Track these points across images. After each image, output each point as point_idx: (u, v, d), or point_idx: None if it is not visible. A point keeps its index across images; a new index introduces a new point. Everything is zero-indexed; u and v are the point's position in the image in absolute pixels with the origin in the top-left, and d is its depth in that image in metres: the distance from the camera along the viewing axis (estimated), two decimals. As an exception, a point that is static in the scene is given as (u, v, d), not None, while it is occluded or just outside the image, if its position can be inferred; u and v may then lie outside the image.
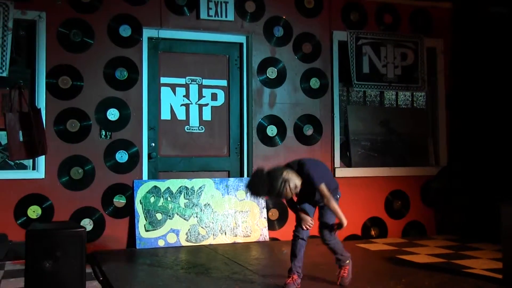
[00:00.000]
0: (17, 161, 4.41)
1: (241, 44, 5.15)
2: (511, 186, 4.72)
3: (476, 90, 5.47)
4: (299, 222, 3.19)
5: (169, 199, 4.69)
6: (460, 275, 3.63)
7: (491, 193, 4.95)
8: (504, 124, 5.16)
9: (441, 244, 4.94)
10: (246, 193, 3.23)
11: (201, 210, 4.75)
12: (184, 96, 5.03)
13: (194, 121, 5.05)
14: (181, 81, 5.02)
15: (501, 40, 5.26)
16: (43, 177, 4.42)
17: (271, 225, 5.01)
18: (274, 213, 5.07)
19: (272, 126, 5.11)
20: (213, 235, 4.72)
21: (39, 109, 4.35)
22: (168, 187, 4.71)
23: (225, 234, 4.75)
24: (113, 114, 4.65)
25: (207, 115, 5.09)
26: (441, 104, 5.67)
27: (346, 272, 3.24)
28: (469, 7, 5.58)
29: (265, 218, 4.91)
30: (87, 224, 4.50)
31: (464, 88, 5.60)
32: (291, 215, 5.07)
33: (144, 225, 4.56)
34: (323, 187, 3.01)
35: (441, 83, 5.68)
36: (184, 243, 4.59)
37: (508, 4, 5.21)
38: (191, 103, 5.05)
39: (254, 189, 2.98)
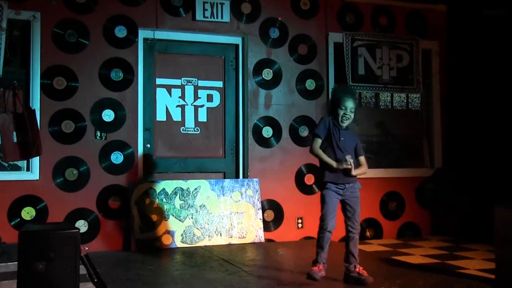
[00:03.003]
0: (11, 162, 4.37)
1: (236, 46, 5.15)
2: (505, 188, 4.74)
3: (471, 92, 5.49)
4: (325, 213, 3.26)
5: (164, 200, 4.68)
6: (454, 275, 3.65)
7: (485, 195, 4.96)
8: (499, 126, 5.18)
9: (435, 245, 4.96)
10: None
11: (196, 211, 4.74)
12: (179, 97, 5.02)
13: (189, 122, 5.04)
14: (177, 82, 5.01)
15: (495, 42, 5.28)
16: (38, 178, 4.40)
17: (267, 226, 5.00)
18: (270, 214, 5.07)
19: (267, 127, 5.12)
20: (209, 236, 4.71)
21: (34, 110, 4.33)
22: (164, 188, 4.70)
23: (221, 235, 4.75)
24: (108, 115, 4.63)
25: (202, 116, 5.08)
26: (436, 106, 5.70)
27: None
28: (463, 10, 5.61)
29: (260, 219, 4.91)
30: (82, 225, 4.48)
31: (459, 90, 5.63)
32: (287, 217, 5.10)
33: (139, 226, 4.54)
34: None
35: (436, 85, 5.71)
36: (179, 244, 4.58)
37: (502, 7, 5.24)
38: (187, 104, 5.04)
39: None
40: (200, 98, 5.08)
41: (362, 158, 3.42)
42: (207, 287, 3.25)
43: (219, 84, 5.14)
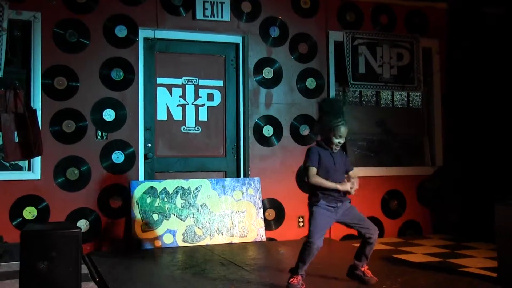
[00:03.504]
0: (12, 162, 4.38)
1: (237, 45, 5.14)
2: (506, 185, 4.73)
3: (471, 90, 5.47)
4: (313, 230, 3.09)
5: (165, 199, 4.67)
6: (456, 274, 3.65)
7: (486, 193, 4.95)
8: (500, 124, 5.17)
9: (437, 243, 4.95)
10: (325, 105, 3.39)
11: (197, 211, 4.74)
12: (180, 96, 5.01)
13: (190, 122, 5.03)
14: (177, 81, 5.01)
15: (496, 40, 5.27)
16: (39, 178, 4.40)
17: (268, 225, 5.00)
18: (271, 213, 5.07)
19: (268, 126, 5.11)
20: (210, 235, 4.71)
21: (35, 110, 4.32)
22: (165, 188, 4.70)
23: (222, 234, 4.74)
24: (109, 115, 4.63)
25: (203, 116, 5.08)
26: (436, 104, 5.68)
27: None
28: (464, 8, 5.58)
29: (261, 218, 4.90)
30: (83, 225, 4.48)
31: (460, 88, 5.61)
32: (288, 216, 5.10)
33: (141, 225, 4.54)
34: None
35: (437, 83, 5.69)
36: (180, 243, 4.57)
37: (503, 5, 5.22)
38: (188, 104, 5.04)
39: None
40: (200, 97, 5.08)
41: (352, 173, 3.26)
42: (208, 287, 3.25)
43: (220, 83, 5.13)
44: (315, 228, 3.11)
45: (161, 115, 4.94)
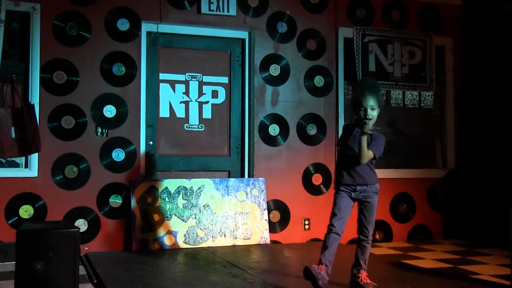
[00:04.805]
0: (9, 159, 4.33)
1: (243, 40, 5.06)
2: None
3: (485, 90, 5.38)
4: (332, 214, 3.17)
5: (167, 199, 4.59)
6: (467, 281, 3.58)
7: (500, 196, 4.85)
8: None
9: (447, 249, 4.89)
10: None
11: (200, 211, 4.66)
12: (183, 93, 4.94)
13: (193, 119, 4.96)
14: (181, 77, 4.93)
15: (510, 38, 5.15)
16: (36, 175, 4.34)
17: (272, 227, 4.92)
18: (276, 215, 4.98)
19: (274, 125, 5.02)
20: (212, 237, 4.62)
21: (33, 105, 4.27)
22: (166, 187, 4.62)
23: (225, 236, 4.66)
24: (109, 111, 4.56)
25: (207, 113, 4.99)
26: (449, 104, 5.60)
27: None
28: (478, 5, 5.49)
29: (266, 220, 4.82)
30: (82, 224, 4.41)
31: (473, 88, 5.51)
32: (293, 218, 5.03)
33: (141, 226, 4.46)
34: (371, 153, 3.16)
35: (450, 83, 5.60)
36: (182, 245, 4.51)
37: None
38: (191, 101, 4.95)
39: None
40: (204, 94, 4.99)
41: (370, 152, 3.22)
42: (209, 291, 3.18)
43: (225, 80, 5.05)
44: (333, 212, 3.16)
45: (164, 112, 4.87)
